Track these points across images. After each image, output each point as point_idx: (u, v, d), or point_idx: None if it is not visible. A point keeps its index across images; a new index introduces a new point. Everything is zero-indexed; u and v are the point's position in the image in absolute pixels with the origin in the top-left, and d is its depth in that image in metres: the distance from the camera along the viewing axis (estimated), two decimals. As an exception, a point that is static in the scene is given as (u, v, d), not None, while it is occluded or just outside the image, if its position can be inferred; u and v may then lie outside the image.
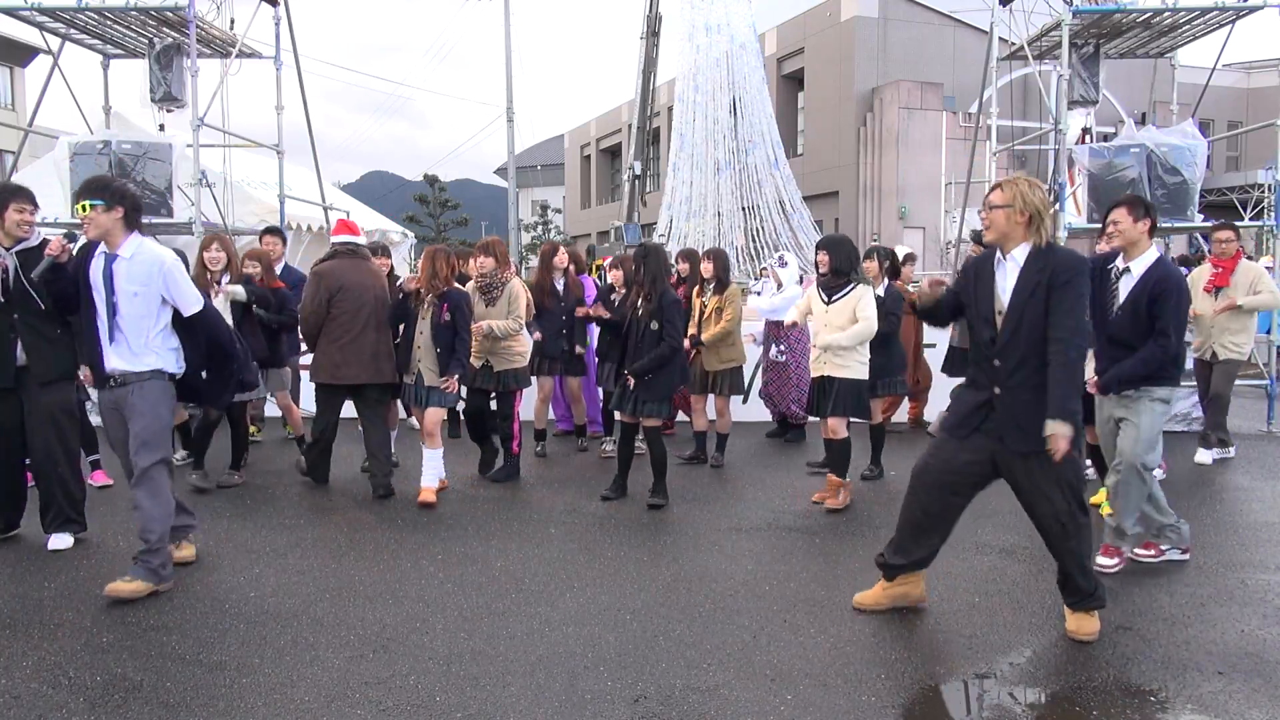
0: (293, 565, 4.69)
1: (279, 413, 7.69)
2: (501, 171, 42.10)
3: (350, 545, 5.05)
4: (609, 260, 7.69)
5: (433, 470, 5.98)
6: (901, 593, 4.04)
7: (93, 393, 5.10)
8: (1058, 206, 9.08)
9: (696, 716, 3.12)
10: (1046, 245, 3.62)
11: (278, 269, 7.50)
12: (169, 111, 9.87)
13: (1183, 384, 7.14)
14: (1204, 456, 7.20)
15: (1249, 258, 7.75)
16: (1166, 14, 8.93)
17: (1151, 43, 9.87)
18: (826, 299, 5.80)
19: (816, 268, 5.91)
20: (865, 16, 30.89)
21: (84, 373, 5.17)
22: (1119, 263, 4.55)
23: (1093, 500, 5.46)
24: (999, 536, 5.15)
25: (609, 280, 7.38)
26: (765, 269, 7.56)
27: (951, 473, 3.81)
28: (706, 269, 7.14)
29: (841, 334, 5.69)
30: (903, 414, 8.80)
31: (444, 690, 3.30)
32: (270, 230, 7.98)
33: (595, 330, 7.65)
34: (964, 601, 4.18)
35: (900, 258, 8.39)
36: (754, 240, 23.17)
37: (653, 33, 24.56)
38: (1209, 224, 8.15)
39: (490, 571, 4.56)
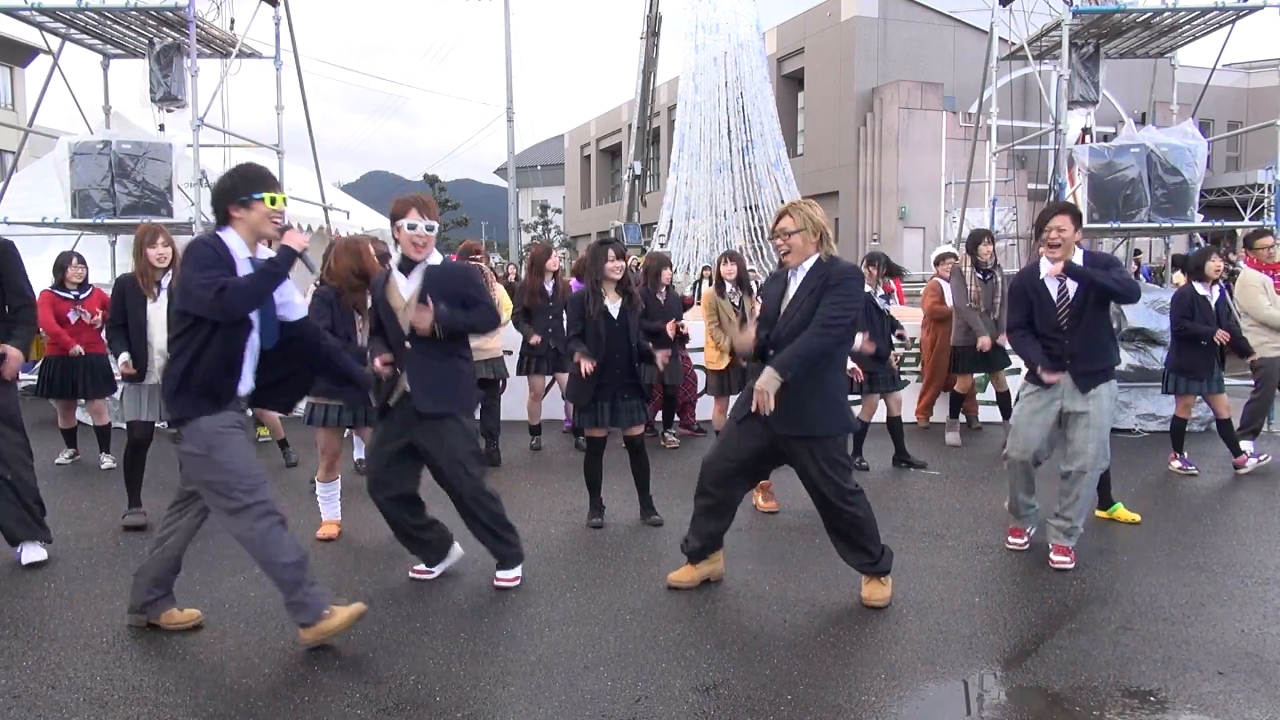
0: (293, 565, 4.68)
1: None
2: (501, 171, 42.11)
3: (350, 545, 5.05)
4: (722, 254, 7.63)
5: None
6: (709, 570, 4.38)
7: None
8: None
9: (696, 716, 3.12)
10: (829, 258, 4.02)
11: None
12: (169, 111, 9.89)
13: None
14: (1249, 446, 7.13)
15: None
16: (1166, 14, 8.93)
17: (1151, 43, 9.88)
18: None
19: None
20: (865, 16, 30.90)
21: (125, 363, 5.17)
22: (1056, 268, 4.58)
23: (1104, 514, 5.48)
24: (999, 537, 5.15)
25: (720, 274, 7.31)
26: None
27: (738, 458, 4.16)
28: (730, 271, 7.12)
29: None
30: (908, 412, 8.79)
31: (444, 690, 3.30)
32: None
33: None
34: (964, 601, 4.18)
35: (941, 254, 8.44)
36: (754, 240, 23.17)
37: (653, 33, 24.57)
38: (1209, 224, 8.17)
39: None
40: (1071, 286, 4.62)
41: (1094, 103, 9.71)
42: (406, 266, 4.19)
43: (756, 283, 7.79)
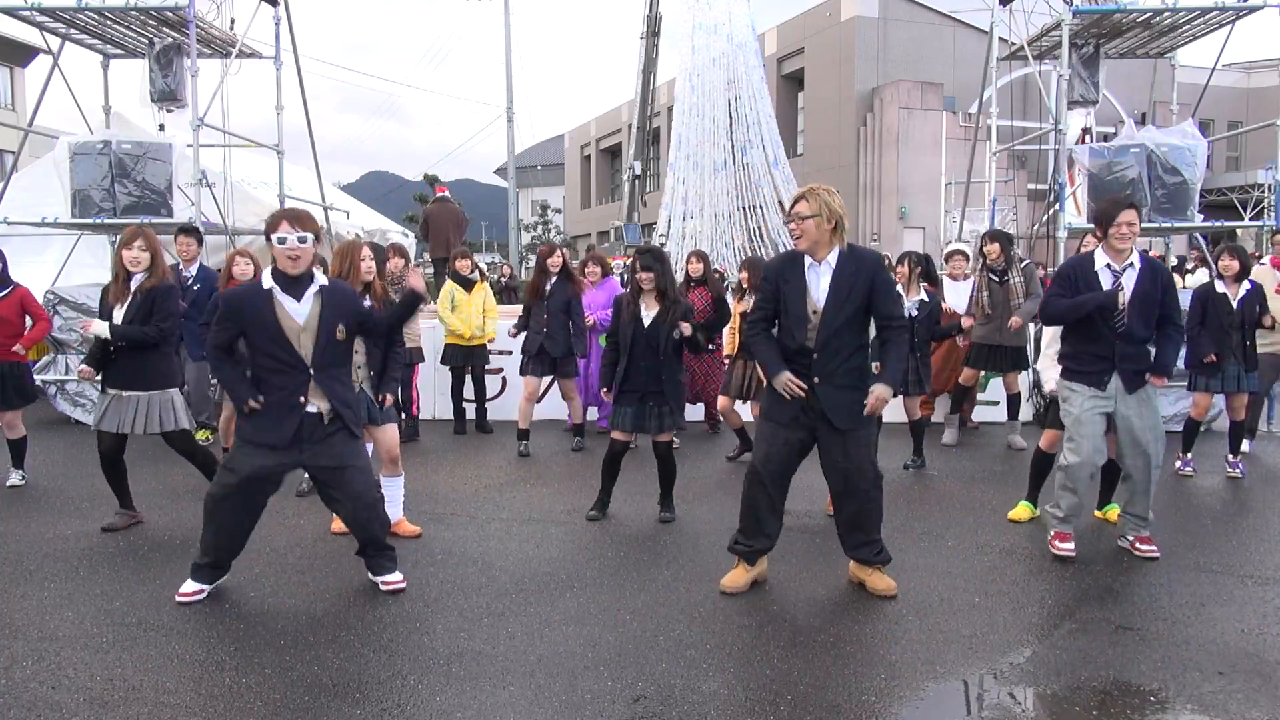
0: (292, 565, 4.69)
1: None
2: (501, 171, 42.08)
3: (350, 545, 5.03)
4: (742, 261, 7.76)
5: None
6: (760, 571, 4.38)
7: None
8: (1058, 206, 9.09)
9: (696, 716, 3.11)
10: (849, 247, 4.10)
11: (192, 269, 7.40)
12: (169, 111, 9.89)
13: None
14: (1248, 446, 7.27)
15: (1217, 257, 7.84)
16: (1166, 14, 8.94)
17: (1151, 43, 9.88)
18: None
19: (740, 284, 5.92)
20: (865, 16, 30.88)
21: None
22: (1112, 262, 4.67)
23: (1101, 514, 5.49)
24: (999, 537, 5.15)
25: (738, 279, 7.36)
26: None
27: (789, 454, 4.24)
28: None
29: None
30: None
31: (444, 690, 3.30)
32: (185, 229, 7.63)
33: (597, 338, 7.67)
34: (964, 601, 4.18)
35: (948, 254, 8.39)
36: (752, 240, 23.16)
37: (653, 33, 24.56)
38: (1209, 224, 8.17)
39: (490, 571, 4.56)
40: (1129, 281, 4.62)
41: (1094, 103, 9.71)
42: (288, 284, 3.99)
43: (724, 279, 7.83)
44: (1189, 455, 6.82)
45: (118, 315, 5.07)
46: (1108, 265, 4.67)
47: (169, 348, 5.29)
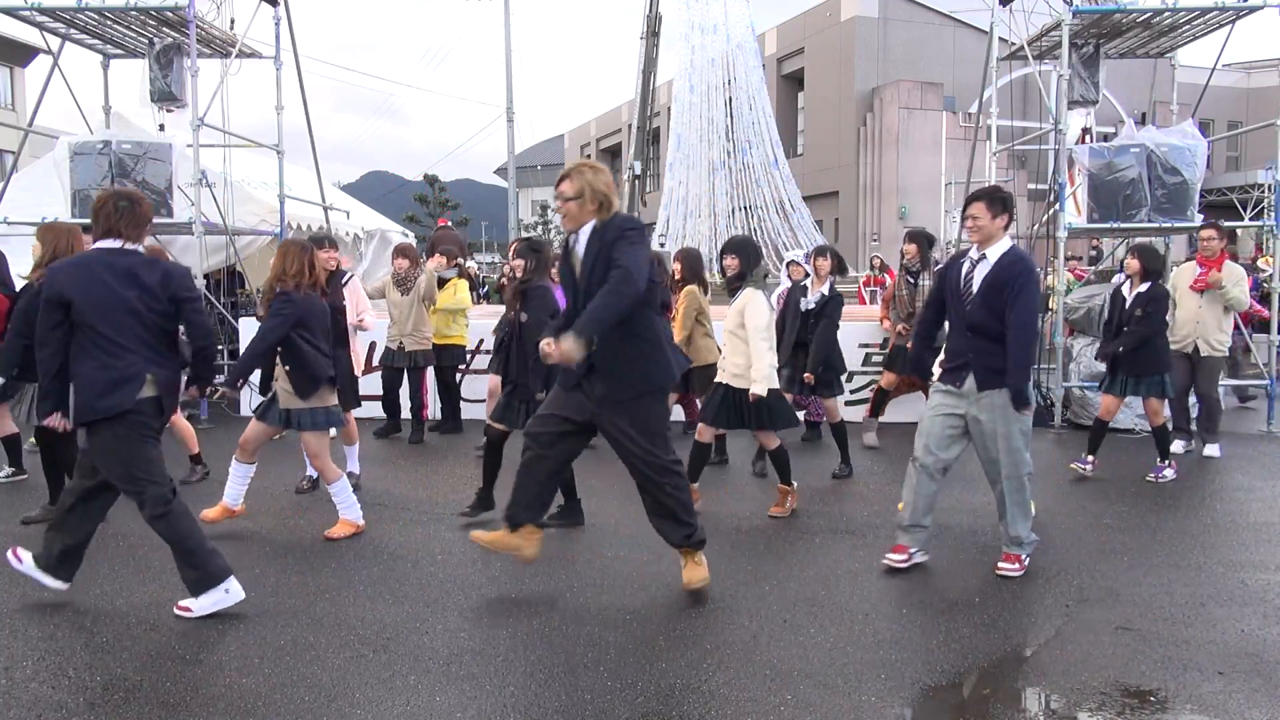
0: (292, 565, 4.69)
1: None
2: (501, 171, 42.09)
3: (350, 545, 5.04)
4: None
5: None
6: (517, 544, 4.26)
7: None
8: (1058, 206, 9.08)
9: (696, 716, 3.12)
10: (603, 222, 3.96)
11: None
12: (169, 111, 9.87)
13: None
14: (1212, 450, 7.31)
15: (1234, 258, 7.90)
16: (1166, 14, 8.92)
17: (1151, 43, 9.86)
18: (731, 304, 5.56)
19: (724, 271, 5.64)
20: (865, 16, 30.91)
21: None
22: (973, 252, 4.50)
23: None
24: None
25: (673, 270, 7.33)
26: (793, 264, 7.42)
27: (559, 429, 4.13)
28: (677, 268, 7.20)
29: (759, 360, 5.31)
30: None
31: (444, 690, 3.30)
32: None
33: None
34: (964, 601, 4.18)
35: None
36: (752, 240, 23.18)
37: (653, 33, 24.56)
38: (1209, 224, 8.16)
39: (490, 571, 4.56)
40: (980, 271, 4.41)
41: (1094, 103, 9.70)
42: None
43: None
44: (1090, 456, 6.67)
45: None
46: (970, 254, 4.52)
47: None
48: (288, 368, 5.01)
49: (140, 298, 3.86)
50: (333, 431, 5.39)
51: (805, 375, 6.70)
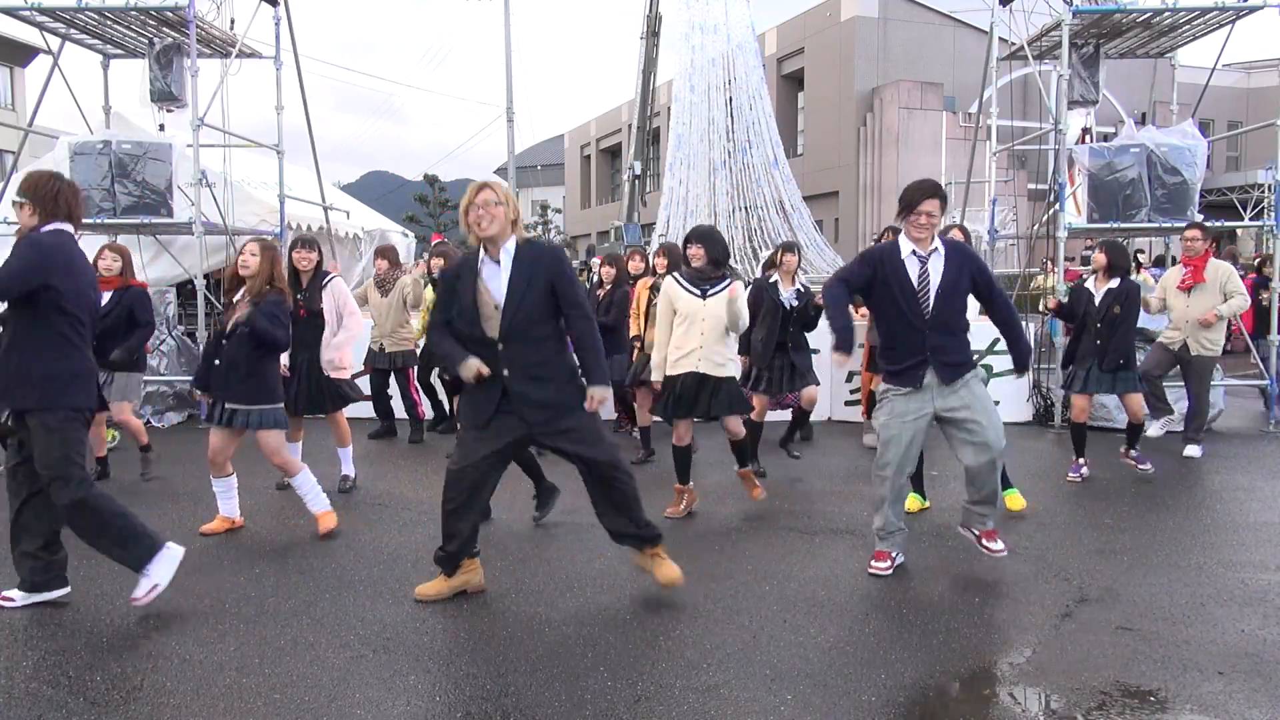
0: (292, 565, 4.69)
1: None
2: (501, 171, 42.05)
3: (350, 545, 5.05)
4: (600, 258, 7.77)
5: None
6: (463, 581, 4.22)
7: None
8: (1058, 206, 9.09)
9: (696, 716, 3.12)
10: (526, 241, 4.05)
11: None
12: (169, 111, 9.87)
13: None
14: (1193, 450, 7.33)
15: (1234, 258, 7.95)
16: (1166, 14, 8.92)
17: (1151, 43, 9.87)
18: (700, 293, 5.48)
19: (688, 261, 5.60)
20: (865, 16, 30.89)
21: None
22: (918, 248, 4.33)
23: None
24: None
25: (599, 277, 7.40)
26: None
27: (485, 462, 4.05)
28: (659, 262, 7.10)
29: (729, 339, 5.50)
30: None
31: (444, 690, 3.30)
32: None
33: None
34: (964, 601, 4.18)
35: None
36: (752, 240, 23.17)
37: (653, 32, 24.58)
38: (1209, 224, 8.18)
39: (490, 571, 4.56)
40: (935, 268, 4.31)
41: (1094, 103, 9.70)
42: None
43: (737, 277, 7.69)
44: (1079, 460, 6.58)
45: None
46: (914, 252, 4.32)
47: None
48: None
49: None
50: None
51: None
